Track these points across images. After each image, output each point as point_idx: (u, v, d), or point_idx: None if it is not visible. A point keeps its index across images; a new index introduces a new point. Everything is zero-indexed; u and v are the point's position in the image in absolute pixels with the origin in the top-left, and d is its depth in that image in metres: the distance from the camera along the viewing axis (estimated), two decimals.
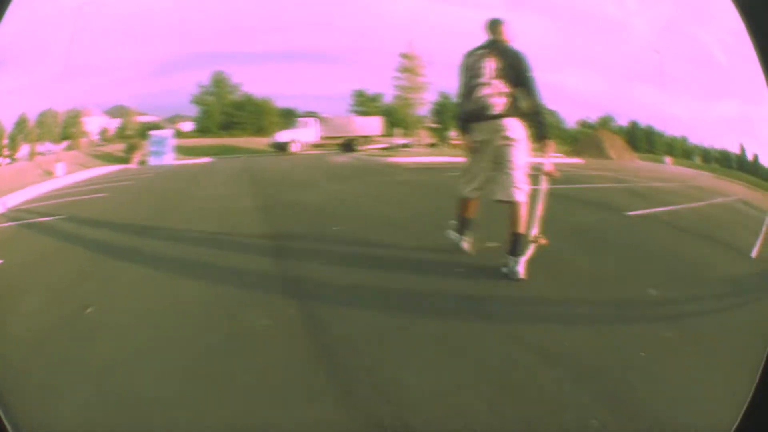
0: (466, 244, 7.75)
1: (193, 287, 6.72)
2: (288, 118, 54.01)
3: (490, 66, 7.04)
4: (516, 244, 6.72)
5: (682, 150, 58.54)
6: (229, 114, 53.13)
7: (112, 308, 6.46)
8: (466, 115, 7.26)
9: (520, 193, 6.93)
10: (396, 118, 51.07)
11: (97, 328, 5.94)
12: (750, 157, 51.42)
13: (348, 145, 45.19)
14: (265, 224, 9.77)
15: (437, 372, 4.55)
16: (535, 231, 7.11)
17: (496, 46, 7.22)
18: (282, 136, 42.45)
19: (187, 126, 54.31)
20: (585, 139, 53.12)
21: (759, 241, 11.77)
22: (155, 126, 49.24)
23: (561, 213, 11.33)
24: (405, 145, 42.88)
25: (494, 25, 7.44)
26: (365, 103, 59.27)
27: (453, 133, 49.15)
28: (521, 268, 6.64)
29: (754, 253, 10.43)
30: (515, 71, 7.05)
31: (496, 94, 7.02)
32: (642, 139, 61.04)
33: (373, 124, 47.31)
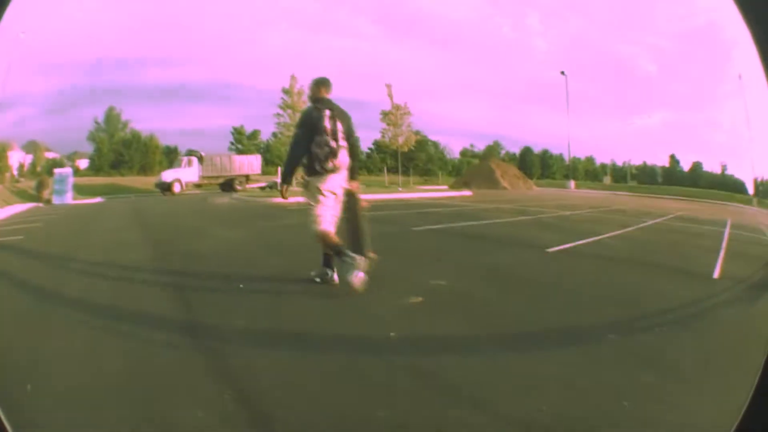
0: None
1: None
2: (171, 156, 54.01)
3: (332, 124, 7.80)
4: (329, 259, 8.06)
5: (585, 171, 60.33)
6: (118, 152, 53.18)
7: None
8: (311, 163, 7.91)
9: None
10: (275, 155, 51.20)
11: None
12: (687, 166, 53.17)
13: (229, 185, 45.90)
14: (162, 279, 9.15)
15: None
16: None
17: (334, 106, 7.97)
18: (166, 175, 44.49)
19: (84, 163, 53.69)
20: (472, 170, 54.21)
21: (721, 260, 12.34)
22: (58, 163, 48.64)
23: (473, 254, 11.80)
24: (274, 184, 42.71)
25: (326, 84, 8.19)
26: (243, 141, 59.65)
27: None
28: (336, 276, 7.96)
29: (716, 274, 10.62)
30: (350, 130, 8.05)
31: (337, 148, 7.81)
32: (536, 164, 62.69)
33: (253, 163, 49.46)
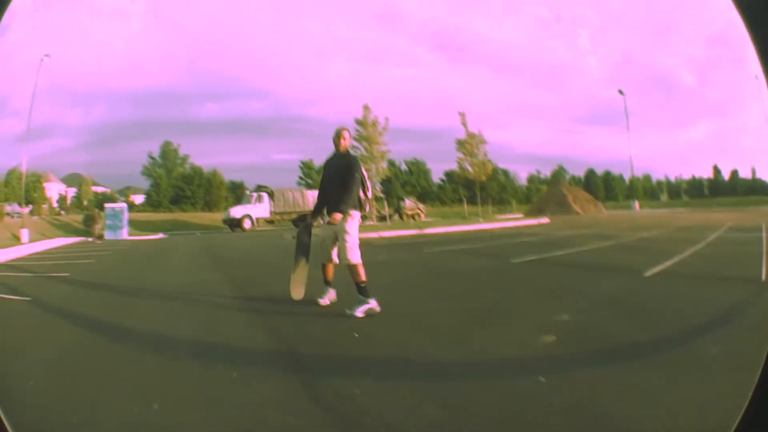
0: (325, 300, 9.12)
1: None
2: (237, 191, 53.86)
3: (341, 169, 9.09)
4: (360, 290, 8.44)
5: (642, 189, 59.56)
6: (178, 187, 52.75)
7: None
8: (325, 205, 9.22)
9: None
10: None
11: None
12: (726, 176, 52.62)
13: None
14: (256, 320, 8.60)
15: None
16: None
17: (344, 155, 9.26)
18: (235, 211, 42.35)
19: (139, 198, 53.64)
20: (545, 197, 53.68)
21: (764, 263, 12.82)
22: (109, 197, 48.54)
23: (579, 283, 11.35)
24: (363, 218, 41.60)
25: (344, 134, 9.26)
26: (312, 175, 59.02)
27: (408, 203, 48.70)
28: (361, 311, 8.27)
29: (763, 276, 10.97)
30: (359, 174, 9.12)
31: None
32: (600, 186, 62.04)
33: None
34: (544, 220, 37.67)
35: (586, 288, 10.55)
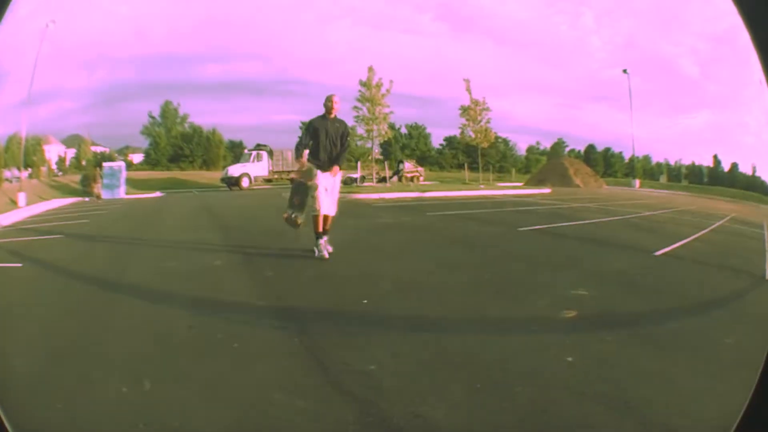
0: (324, 253, 9.91)
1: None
2: (236, 150, 52.95)
3: (338, 132, 10.26)
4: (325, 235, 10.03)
5: (642, 169, 59.06)
6: (177, 146, 51.90)
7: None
8: (320, 161, 10.12)
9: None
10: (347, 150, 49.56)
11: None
12: (726, 167, 52.53)
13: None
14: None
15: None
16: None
17: (339, 120, 10.39)
18: (233, 170, 41.25)
19: (138, 157, 52.81)
20: (547, 167, 53.14)
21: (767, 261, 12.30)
22: (107, 157, 47.67)
23: (591, 257, 11.48)
24: (362, 179, 41.52)
25: (335, 99, 10.41)
26: None
27: (408, 165, 48.26)
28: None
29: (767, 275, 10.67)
30: (347, 137, 10.44)
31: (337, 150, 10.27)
32: (599, 162, 61.49)
33: None
34: (546, 190, 37.32)
35: (599, 263, 10.57)
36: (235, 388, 4.48)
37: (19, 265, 10.65)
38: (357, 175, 42.93)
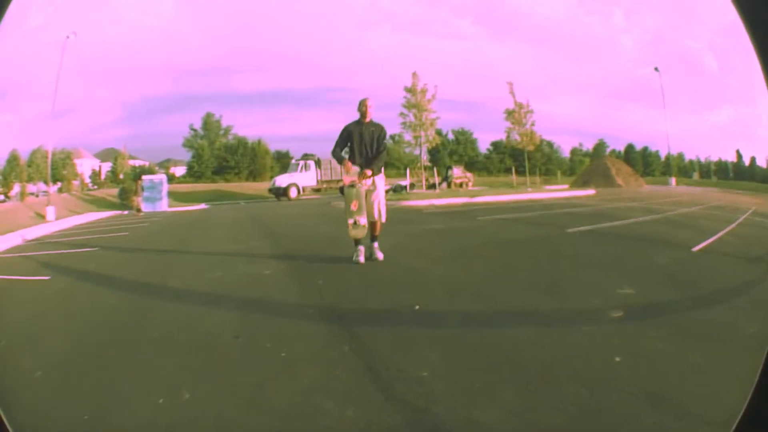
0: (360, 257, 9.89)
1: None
2: (282, 160, 53.35)
3: (374, 136, 10.01)
4: (375, 240, 10.00)
5: (677, 167, 58.75)
6: (221, 158, 52.49)
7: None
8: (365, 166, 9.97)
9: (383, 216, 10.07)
10: (394, 158, 49.81)
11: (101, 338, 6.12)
12: (747, 161, 52.13)
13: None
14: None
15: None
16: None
17: (375, 124, 10.11)
18: (281, 180, 41.40)
19: (180, 170, 53.25)
20: (591, 169, 53.07)
21: None
22: (147, 170, 48.12)
23: (636, 256, 11.22)
24: (411, 186, 41.54)
25: (369, 103, 10.13)
26: None
27: (456, 171, 48.23)
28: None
29: None
30: (383, 140, 10.18)
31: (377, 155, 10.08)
32: (638, 161, 61.25)
33: None
34: (590, 191, 37.02)
35: (643, 260, 10.39)
36: (282, 396, 4.32)
37: (47, 277, 10.46)
38: (406, 182, 43.34)
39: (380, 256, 9.89)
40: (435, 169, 45.30)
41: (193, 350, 5.51)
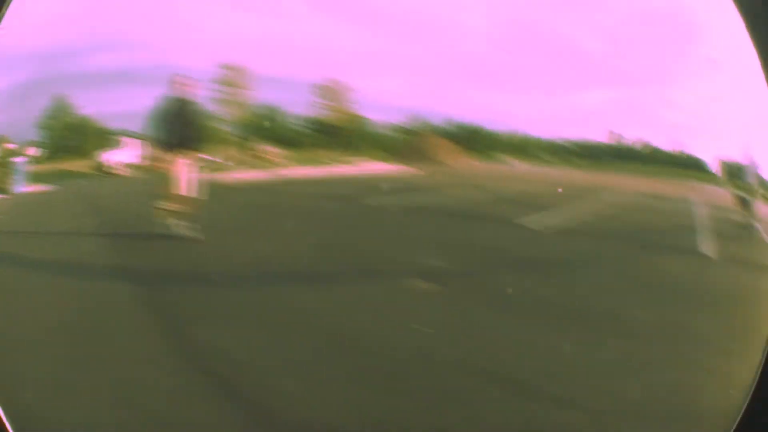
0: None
1: None
2: (111, 138, 51.66)
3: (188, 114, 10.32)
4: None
5: (520, 146, 59.92)
6: (65, 138, 50.15)
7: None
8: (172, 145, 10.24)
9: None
10: (208, 135, 49.02)
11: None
12: (633, 143, 53.76)
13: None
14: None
15: None
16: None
17: (189, 101, 10.46)
18: (107, 157, 39.51)
19: (33, 151, 51.08)
20: (411, 145, 53.10)
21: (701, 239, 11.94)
22: (16, 152, 45.65)
23: (454, 233, 11.87)
24: (218, 163, 41.07)
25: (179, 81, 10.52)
26: None
27: (264, 147, 48.25)
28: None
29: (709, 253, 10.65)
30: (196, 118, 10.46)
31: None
32: (469, 140, 62.25)
33: None
34: (407, 168, 37.79)
35: (467, 237, 11.15)
36: None
37: None
38: (216, 159, 41.91)
39: (189, 232, 10.01)
40: (244, 146, 43.91)
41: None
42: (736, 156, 18.65)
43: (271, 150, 40.99)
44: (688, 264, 10.00)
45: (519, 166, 41.61)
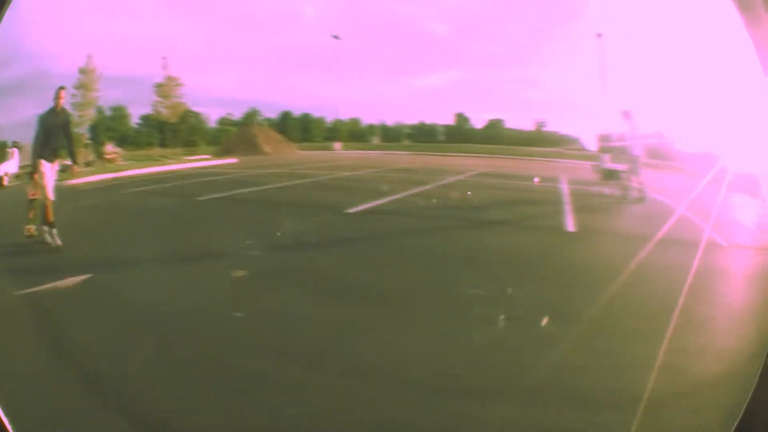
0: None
1: None
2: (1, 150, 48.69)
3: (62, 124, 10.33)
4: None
5: (349, 132, 59.88)
6: None
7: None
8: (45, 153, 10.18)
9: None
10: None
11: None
12: (480, 125, 53.86)
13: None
14: None
15: None
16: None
17: (64, 112, 10.47)
18: None
19: None
20: (233, 138, 52.27)
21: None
22: None
23: (271, 220, 11.92)
24: (65, 167, 39.55)
25: (62, 93, 10.41)
26: None
27: (109, 147, 46.78)
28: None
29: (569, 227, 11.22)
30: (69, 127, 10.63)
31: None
32: (296, 129, 61.94)
33: None
34: (233, 160, 37.65)
35: (276, 224, 10.86)
36: None
37: None
38: (68, 162, 40.47)
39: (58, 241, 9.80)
40: (91, 147, 42.79)
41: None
42: (608, 130, 19.01)
43: (114, 150, 39.94)
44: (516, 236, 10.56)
45: (340, 151, 41.34)
